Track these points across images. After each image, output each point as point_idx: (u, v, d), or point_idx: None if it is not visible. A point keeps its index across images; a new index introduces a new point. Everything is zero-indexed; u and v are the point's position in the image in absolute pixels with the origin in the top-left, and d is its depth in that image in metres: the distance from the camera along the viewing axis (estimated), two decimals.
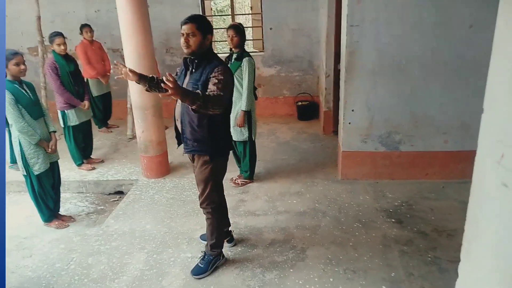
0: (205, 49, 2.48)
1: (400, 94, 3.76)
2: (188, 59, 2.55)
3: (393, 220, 3.34)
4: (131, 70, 2.61)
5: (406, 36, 3.59)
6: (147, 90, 2.77)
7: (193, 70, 2.52)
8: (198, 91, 2.29)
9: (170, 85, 2.02)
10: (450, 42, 3.55)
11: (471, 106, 3.59)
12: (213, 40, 2.55)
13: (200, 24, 2.41)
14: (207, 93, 2.30)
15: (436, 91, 3.71)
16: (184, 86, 2.54)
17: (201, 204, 2.75)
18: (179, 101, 2.57)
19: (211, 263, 2.80)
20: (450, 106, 3.73)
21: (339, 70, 4.29)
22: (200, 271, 2.77)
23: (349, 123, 3.91)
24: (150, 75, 2.75)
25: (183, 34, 2.40)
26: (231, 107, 2.80)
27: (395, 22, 3.55)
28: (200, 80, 2.44)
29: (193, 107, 2.24)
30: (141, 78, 2.65)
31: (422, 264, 2.77)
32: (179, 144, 2.78)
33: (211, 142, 2.56)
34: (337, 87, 4.97)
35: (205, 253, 2.84)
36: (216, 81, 2.36)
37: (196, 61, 2.49)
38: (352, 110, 3.86)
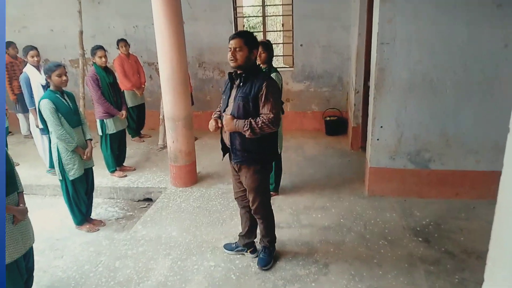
0: (250, 64, 2.59)
1: (431, 112, 3.71)
2: (234, 73, 2.66)
3: (420, 239, 3.26)
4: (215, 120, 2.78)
5: (437, 54, 3.55)
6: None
7: (241, 84, 2.61)
8: (251, 119, 2.51)
9: (224, 122, 2.58)
10: (483, 61, 3.48)
11: (504, 126, 3.46)
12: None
13: (247, 39, 2.53)
14: (262, 116, 2.51)
15: (469, 110, 3.63)
16: (231, 99, 2.66)
17: (254, 212, 2.89)
18: (225, 114, 2.68)
19: (273, 253, 3.06)
20: (482, 126, 3.63)
21: (369, 86, 4.28)
22: (266, 262, 2.98)
23: (378, 139, 3.88)
24: (216, 115, 2.85)
25: (230, 49, 2.53)
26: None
27: (426, 40, 3.53)
28: (251, 94, 2.54)
29: (247, 135, 2.52)
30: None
31: (448, 285, 2.69)
32: (224, 155, 2.91)
33: (261, 150, 2.68)
34: (366, 103, 4.95)
35: (264, 246, 3.04)
36: (270, 106, 2.52)
37: (243, 75, 2.59)
38: (381, 127, 3.84)
